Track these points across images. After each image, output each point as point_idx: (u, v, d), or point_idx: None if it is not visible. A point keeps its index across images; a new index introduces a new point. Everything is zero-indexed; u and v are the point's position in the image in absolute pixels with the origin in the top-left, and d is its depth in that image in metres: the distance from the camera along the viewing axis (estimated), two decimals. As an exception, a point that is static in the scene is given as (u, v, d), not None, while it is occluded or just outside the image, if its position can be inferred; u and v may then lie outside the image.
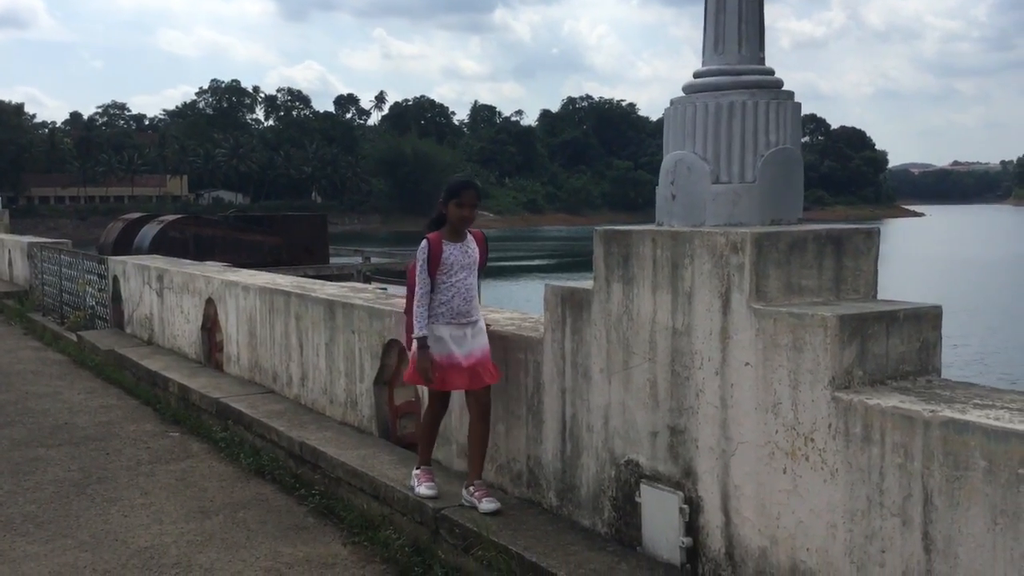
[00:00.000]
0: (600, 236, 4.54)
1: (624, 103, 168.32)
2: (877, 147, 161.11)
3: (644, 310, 4.28)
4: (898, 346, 3.65)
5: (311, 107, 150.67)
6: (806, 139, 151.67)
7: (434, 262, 4.90)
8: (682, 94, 4.25)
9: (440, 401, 5.22)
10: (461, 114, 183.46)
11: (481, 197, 5.14)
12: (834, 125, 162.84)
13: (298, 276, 10.81)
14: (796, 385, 3.61)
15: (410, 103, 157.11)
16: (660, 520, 4.21)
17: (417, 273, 4.93)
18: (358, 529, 5.46)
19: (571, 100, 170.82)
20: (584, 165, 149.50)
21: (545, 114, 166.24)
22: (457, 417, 5.70)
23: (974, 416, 3.10)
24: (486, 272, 5.42)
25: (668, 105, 4.28)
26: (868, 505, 3.37)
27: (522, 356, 5.12)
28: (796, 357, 3.61)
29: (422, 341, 4.89)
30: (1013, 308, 31.68)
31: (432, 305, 4.92)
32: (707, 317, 3.97)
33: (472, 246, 5.06)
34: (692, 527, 4.09)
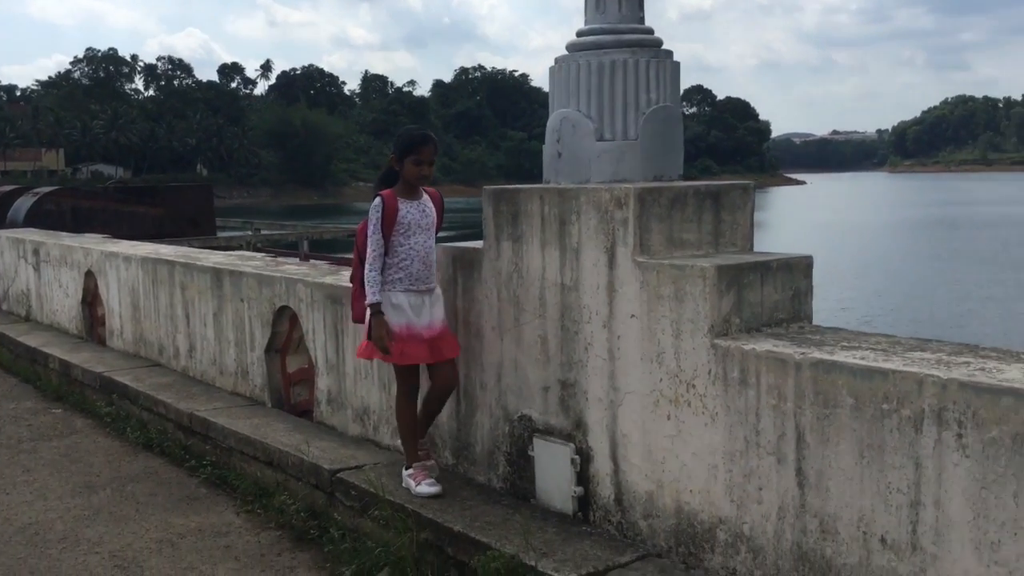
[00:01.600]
0: (489, 195, 4.58)
1: (517, 73, 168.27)
2: (761, 117, 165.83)
3: (534, 267, 4.35)
4: (772, 294, 3.81)
5: (193, 76, 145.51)
6: (693, 110, 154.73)
7: (389, 222, 4.44)
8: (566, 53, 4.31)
9: (409, 379, 4.63)
10: (352, 84, 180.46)
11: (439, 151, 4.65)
12: (720, 96, 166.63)
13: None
14: (678, 334, 3.74)
15: (298, 72, 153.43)
16: (553, 472, 4.32)
17: (369, 234, 4.46)
18: (252, 497, 5.41)
19: (464, 70, 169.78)
20: (478, 136, 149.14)
21: (438, 84, 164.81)
22: (352, 380, 5.68)
23: (841, 357, 3.28)
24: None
25: (552, 63, 4.34)
26: (746, 446, 3.53)
27: (414, 317, 5.14)
28: (678, 307, 3.74)
29: (375, 308, 4.44)
30: (896, 272, 33.16)
31: (388, 271, 4.46)
32: (594, 272, 4.06)
33: (429, 205, 4.60)
34: (583, 476, 4.21)
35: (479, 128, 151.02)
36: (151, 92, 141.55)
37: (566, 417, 4.28)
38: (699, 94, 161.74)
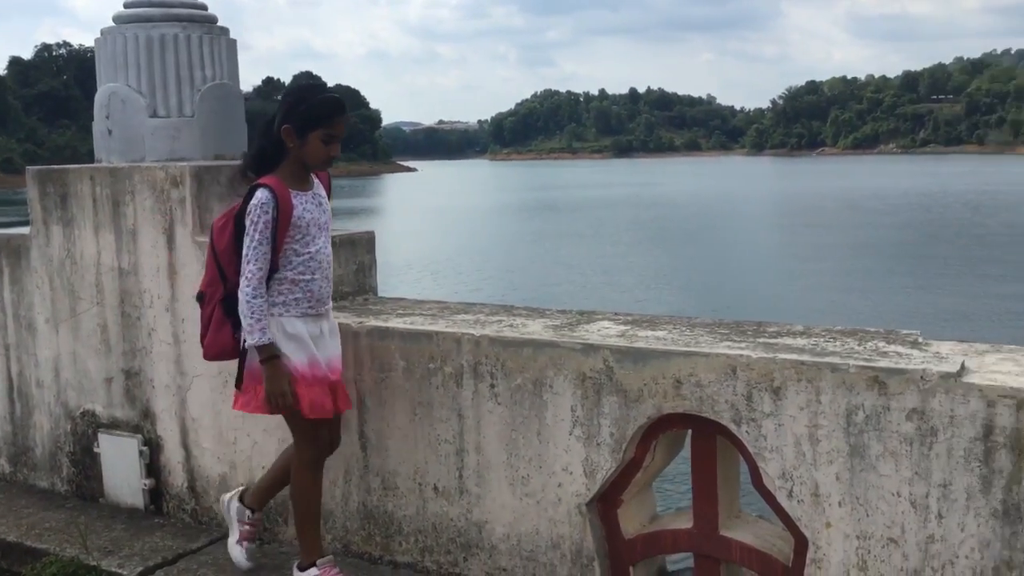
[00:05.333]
0: (33, 176, 4.22)
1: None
2: (372, 106, 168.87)
3: (88, 252, 4.09)
4: (336, 269, 3.90)
5: None
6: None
7: (282, 225, 3.10)
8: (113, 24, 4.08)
9: (317, 440, 3.28)
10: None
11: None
12: (331, 83, 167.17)
13: None
14: (242, 313, 3.73)
15: None
16: (121, 467, 4.11)
17: (252, 244, 3.06)
18: None
19: (47, 47, 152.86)
20: (68, 119, 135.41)
21: (15, 62, 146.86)
22: None
23: (394, 323, 3.48)
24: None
25: (98, 35, 4.09)
26: (312, 416, 3.62)
27: (-46, 314, 4.59)
28: (240, 286, 3.72)
29: (269, 349, 3.10)
30: (510, 252, 35.15)
31: (276, 288, 3.14)
32: (153, 254, 3.91)
33: (323, 195, 3.31)
34: (154, 468, 4.06)
35: (67, 111, 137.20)
36: None
37: (132, 408, 4.09)
38: (309, 80, 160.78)
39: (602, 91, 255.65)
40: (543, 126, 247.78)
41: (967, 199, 53.86)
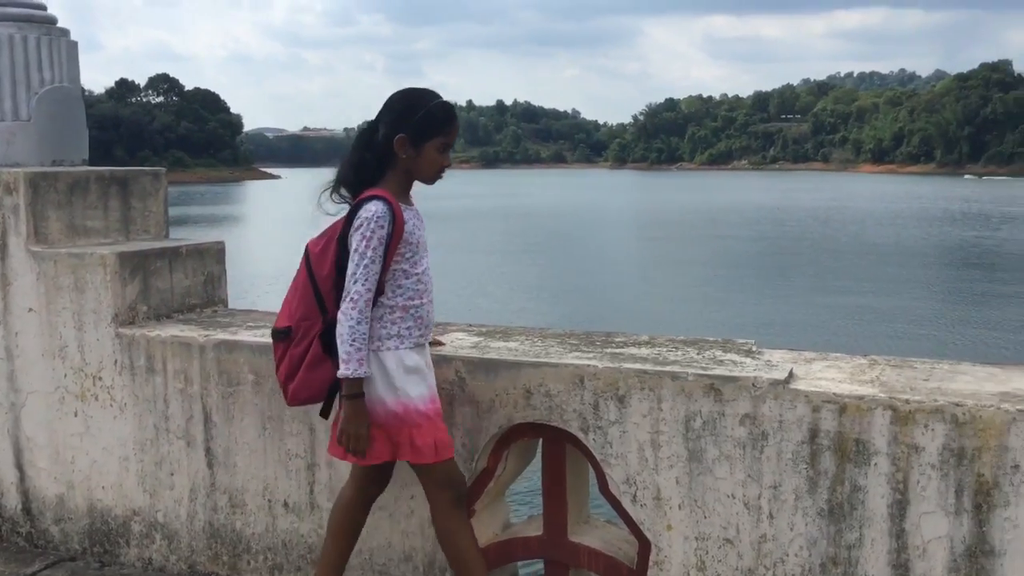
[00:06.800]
0: None
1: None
2: (232, 110, 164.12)
3: (-90, 262, 3.82)
4: (183, 280, 3.82)
5: None
6: (160, 99, 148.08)
7: (395, 240, 2.76)
8: (-61, 21, 3.85)
9: (376, 479, 3.00)
10: None
11: None
12: (188, 86, 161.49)
13: None
14: (81, 326, 3.58)
15: None
16: (-53, 490, 3.85)
17: (363, 262, 2.70)
18: None
19: None
20: None
21: None
22: None
23: (243, 336, 3.41)
24: None
25: (-78, 32, 3.84)
26: (156, 433, 3.51)
27: None
28: (79, 298, 3.57)
29: (358, 385, 2.73)
30: None
31: (391, 319, 2.80)
32: (-17, 264, 3.70)
33: (419, 213, 2.98)
34: (-16, 490, 3.83)
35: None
36: None
37: (-40, 427, 3.84)
38: (166, 83, 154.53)
39: (470, 102, 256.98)
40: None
41: (817, 213, 56.88)
